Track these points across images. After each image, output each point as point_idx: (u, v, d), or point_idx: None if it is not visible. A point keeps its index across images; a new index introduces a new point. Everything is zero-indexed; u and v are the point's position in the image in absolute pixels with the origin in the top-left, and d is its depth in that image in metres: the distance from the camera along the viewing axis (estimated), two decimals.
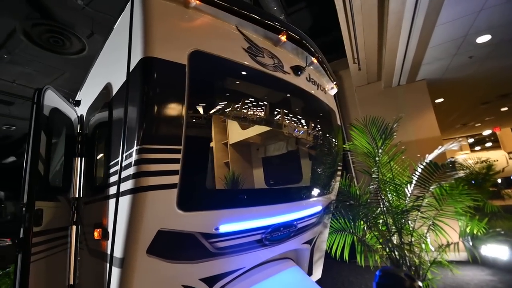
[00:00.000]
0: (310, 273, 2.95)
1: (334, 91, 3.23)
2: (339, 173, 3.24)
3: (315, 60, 2.47)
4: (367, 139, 3.64)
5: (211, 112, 1.64)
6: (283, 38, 2.07)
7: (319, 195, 2.81)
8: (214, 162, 4.10)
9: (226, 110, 1.79)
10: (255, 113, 1.97)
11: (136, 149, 1.34)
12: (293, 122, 2.44)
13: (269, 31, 2.01)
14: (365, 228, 3.68)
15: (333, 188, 3.13)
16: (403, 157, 3.65)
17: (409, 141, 5.77)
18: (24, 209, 1.72)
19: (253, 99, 1.95)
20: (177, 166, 1.44)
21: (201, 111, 1.56)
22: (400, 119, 3.32)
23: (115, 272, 1.38)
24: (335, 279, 4.58)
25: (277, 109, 2.22)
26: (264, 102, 2.06)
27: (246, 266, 1.99)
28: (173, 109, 1.44)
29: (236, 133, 4.09)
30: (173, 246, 1.50)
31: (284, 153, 3.71)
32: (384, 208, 3.43)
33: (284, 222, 2.21)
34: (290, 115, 2.38)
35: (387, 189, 3.53)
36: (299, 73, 2.26)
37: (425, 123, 5.89)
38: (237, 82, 1.94)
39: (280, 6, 4.86)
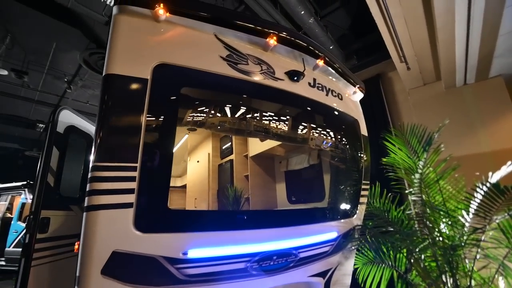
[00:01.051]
0: None
1: (357, 96, 2.79)
2: (365, 193, 2.72)
3: (320, 63, 2.15)
4: (406, 152, 3.00)
5: (173, 126, 1.55)
6: (272, 41, 1.86)
7: (333, 219, 2.40)
8: (234, 175, 4.01)
9: (195, 122, 1.67)
10: (232, 123, 1.79)
11: (91, 167, 1.33)
12: (292, 133, 2.15)
13: (254, 36, 1.83)
14: (408, 262, 2.97)
15: (357, 211, 2.64)
16: (456, 175, 2.87)
17: (481, 153, 4.61)
18: (30, 217, 1.91)
19: (229, 109, 1.79)
20: (133, 185, 1.37)
21: (162, 126, 1.48)
22: (443, 126, 2.62)
23: None
24: None
25: (264, 118, 1.99)
26: (244, 111, 1.86)
27: None
28: (130, 125, 1.39)
29: (256, 144, 3.94)
30: (132, 269, 1.42)
31: (297, 169, 3.36)
32: (430, 240, 2.71)
33: (277, 250, 1.92)
34: (284, 125, 2.10)
35: (435, 216, 2.80)
36: (296, 78, 1.99)
37: (503, 130, 4.63)
38: (209, 93, 1.81)
39: (307, 10, 4.57)
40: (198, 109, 1.80)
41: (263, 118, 2.03)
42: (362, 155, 2.65)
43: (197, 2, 1.62)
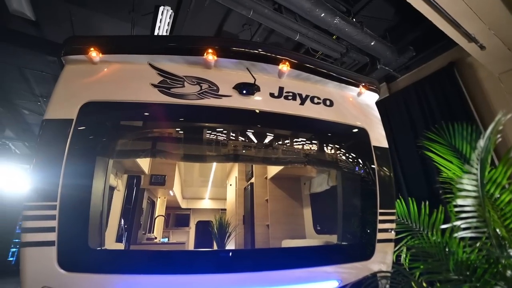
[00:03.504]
0: None
1: (366, 98, 2.17)
2: (386, 226, 1.98)
3: (284, 68, 1.79)
4: (459, 165, 2.06)
5: (92, 163, 1.53)
6: (210, 57, 1.67)
7: (331, 262, 1.82)
8: (254, 200, 3.75)
9: (122, 154, 1.62)
10: (178, 149, 1.65)
11: (23, 206, 1.45)
12: (258, 152, 1.82)
13: (190, 55, 1.70)
14: None
15: (375, 252, 1.93)
16: None
17: None
18: None
19: (169, 135, 1.66)
20: (53, 223, 1.41)
21: (82, 164, 1.49)
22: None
23: None
24: None
25: (214, 140, 1.75)
26: (188, 135, 1.70)
27: None
28: (51, 164, 1.47)
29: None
30: None
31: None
32: None
33: None
34: (244, 144, 1.80)
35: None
36: (246, 92, 1.70)
37: None
38: (136, 123, 1.73)
39: (328, 10, 4.07)
40: (132, 139, 1.77)
41: (214, 140, 1.80)
42: (375, 174, 1.97)
43: (128, 37, 1.65)
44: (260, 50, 1.76)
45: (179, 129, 1.80)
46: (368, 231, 1.93)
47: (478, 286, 1.91)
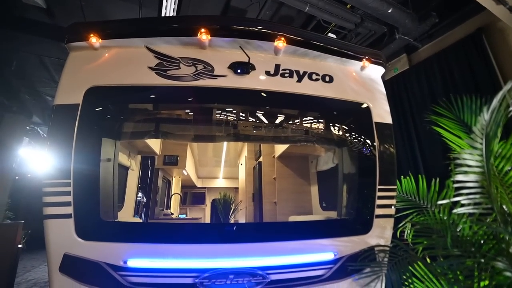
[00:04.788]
0: None
1: (370, 72, 2.08)
2: (384, 202, 1.99)
3: (280, 44, 1.75)
4: (465, 138, 1.97)
5: (99, 144, 1.65)
6: (204, 37, 1.67)
7: (328, 235, 1.89)
8: (262, 179, 3.85)
9: (127, 135, 1.72)
10: (171, 129, 1.73)
11: (42, 183, 1.63)
12: (259, 131, 1.86)
13: (184, 36, 1.71)
14: None
15: (372, 226, 1.97)
16: None
17: None
18: None
19: (163, 117, 1.74)
20: (69, 198, 1.58)
21: (90, 145, 1.62)
22: None
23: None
24: None
25: (209, 120, 1.81)
26: (177, 117, 1.76)
27: None
28: (62, 147, 1.60)
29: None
30: (82, 270, 1.63)
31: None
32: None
33: (234, 268, 1.70)
34: (244, 124, 1.84)
35: None
36: (241, 71, 1.70)
37: None
38: (136, 106, 1.80)
39: None
40: (134, 121, 1.86)
41: (214, 121, 1.85)
42: (375, 150, 1.95)
43: (124, 21, 1.69)
44: (254, 27, 1.72)
45: (176, 111, 1.86)
46: (367, 206, 1.95)
47: (482, 262, 1.91)
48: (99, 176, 1.61)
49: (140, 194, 3.44)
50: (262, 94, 1.76)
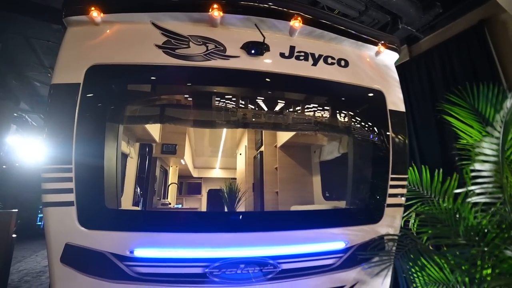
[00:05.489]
0: None
1: (384, 58, 2.02)
2: (396, 191, 1.97)
3: (296, 24, 1.65)
4: (479, 129, 1.95)
5: (103, 126, 1.54)
6: (216, 13, 1.55)
7: (338, 224, 1.85)
8: (264, 168, 3.79)
9: (135, 117, 1.62)
10: (179, 114, 1.63)
11: (41, 168, 1.51)
12: (268, 118, 1.78)
13: (194, 12, 1.59)
14: None
15: (383, 216, 1.95)
16: None
17: None
18: None
19: (170, 99, 1.63)
20: (71, 185, 1.47)
21: (92, 127, 1.51)
22: None
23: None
24: None
25: (223, 105, 1.71)
26: (186, 100, 1.66)
27: None
28: (63, 129, 1.48)
29: (284, 132, 3.55)
30: (85, 261, 1.54)
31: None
32: None
33: (244, 257, 1.65)
34: (255, 110, 1.75)
35: None
36: (255, 52, 1.60)
37: None
38: (142, 87, 1.68)
39: None
40: (139, 104, 1.75)
41: (222, 105, 1.75)
42: (389, 139, 1.91)
43: None
44: (270, 4, 1.61)
45: (186, 93, 1.76)
46: (378, 195, 1.92)
47: (486, 251, 1.92)
48: (104, 161, 1.50)
49: (138, 183, 3.34)
50: (277, 77, 1.67)
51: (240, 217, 1.73)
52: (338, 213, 1.89)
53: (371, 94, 1.89)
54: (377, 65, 2.00)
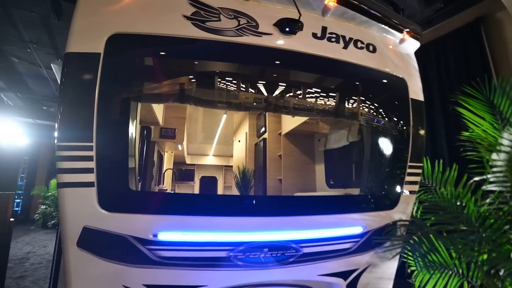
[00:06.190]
0: None
1: (407, 46, 2.01)
2: (413, 178, 2.02)
3: (331, 3, 1.59)
4: (491, 121, 2.04)
5: (128, 102, 1.43)
6: None
7: (357, 210, 1.88)
8: (267, 156, 3.77)
9: (157, 95, 1.51)
10: (206, 94, 1.54)
11: (55, 146, 1.38)
12: (293, 102, 1.73)
13: None
14: (485, 276, 2.11)
15: (398, 202, 2.00)
16: None
17: None
18: None
19: (197, 77, 1.53)
20: (91, 164, 1.36)
21: (116, 102, 1.39)
22: None
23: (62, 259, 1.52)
24: None
25: (248, 85, 1.64)
26: (218, 79, 1.57)
27: (210, 285, 1.64)
28: (83, 103, 1.35)
29: (289, 120, 3.53)
30: (104, 245, 1.46)
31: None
32: None
33: (269, 241, 1.64)
34: (281, 92, 1.69)
35: None
36: (289, 29, 1.53)
37: None
38: (169, 61, 1.57)
39: None
40: (161, 80, 1.63)
41: (250, 86, 1.68)
42: (410, 127, 1.94)
43: None
44: None
45: (214, 71, 1.65)
46: (396, 182, 1.96)
47: (484, 237, 2.05)
48: (128, 140, 1.40)
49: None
50: (309, 58, 1.61)
51: (264, 201, 1.71)
52: (357, 199, 1.92)
53: (395, 82, 1.89)
54: (400, 53, 1.99)
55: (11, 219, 2.07)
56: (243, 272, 1.66)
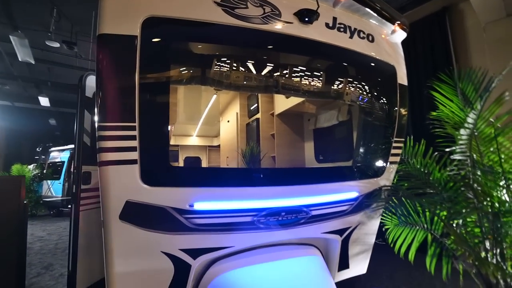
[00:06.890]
0: (344, 266, 2.54)
1: (397, 36, 2.30)
2: (397, 151, 2.43)
3: None
4: (458, 103, 2.48)
5: (167, 84, 1.52)
6: None
7: (353, 178, 2.24)
8: (260, 135, 3.99)
9: (191, 79, 1.62)
10: (234, 78, 1.68)
11: (96, 126, 1.45)
12: (305, 86, 1.94)
13: None
14: (446, 226, 2.70)
15: (384, 171, 2.40)
16: None
17: None
18: (74, 171, 2.26)
19: (227, 62, 1.66)
20: (134, 143, 1.46)
21: (156, 85, 1.48)
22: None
23: (103, 231, 1.63)
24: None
25: (269, 70, 1.81)
26: (245, 64, 1.71)
27: (236, 245, 1.90)
28: (124, 86, 1.42)
29: (282, 101, 3.75)
30: (145, 216, 1.60)
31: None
32: (476, 204, 2.36)
33: (286, 206, 1.92)
34: (295, 77, 1.89)
35: (487, 178, 2.38)
36: (308, 19, 1.70)
37: None
38: (202, 45, 1.68)
39: None
40: (195, 64, 1.73)
41: (270, 71, 1.84)
42: (396, 108, 2.29)
43: None
44: None
45: (241, 56, 1.77)
46: (383, 155, 2.34)
47: (445, 197, 2.58)
48: (168, 119, 1.50)
49: None
50: (323, 46, 1.81)
51: (283, 173, 1.96)
52: (353, 169, 2.26)
53: (387, 68, 2.20)
54: (391, 42, 2.28)
55: (25, 202, 2.05)
56: (263, 234, 1.95)
